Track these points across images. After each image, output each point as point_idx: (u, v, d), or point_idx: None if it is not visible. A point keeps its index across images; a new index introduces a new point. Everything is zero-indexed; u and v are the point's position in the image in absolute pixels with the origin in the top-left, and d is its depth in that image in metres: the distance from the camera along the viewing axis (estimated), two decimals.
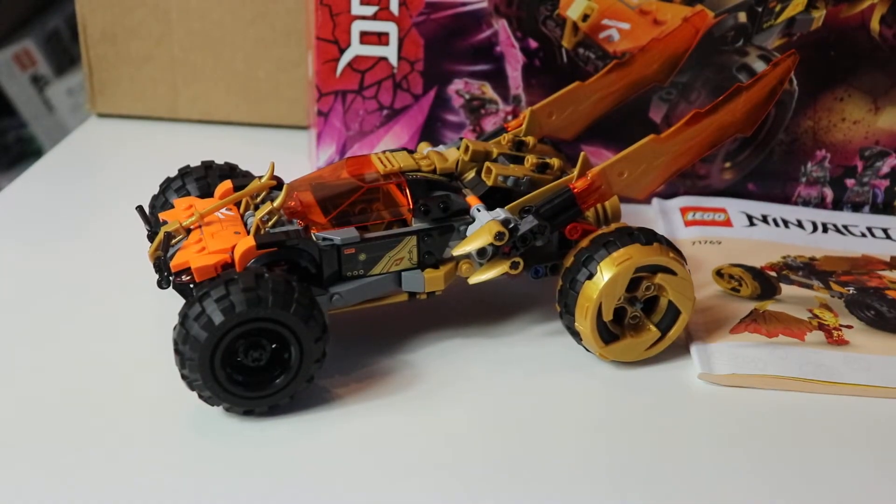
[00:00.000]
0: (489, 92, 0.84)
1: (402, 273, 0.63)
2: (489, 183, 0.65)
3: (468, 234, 0.63)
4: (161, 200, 0.68)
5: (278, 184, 0.64)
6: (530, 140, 0.70)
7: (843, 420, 0.61)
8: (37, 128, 1.60)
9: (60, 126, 1.56)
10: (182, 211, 0.63)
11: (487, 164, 0.66)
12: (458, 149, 0.68)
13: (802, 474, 0.56)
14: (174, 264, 0.59)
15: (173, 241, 0.61)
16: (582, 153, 0.65)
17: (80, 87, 1.51)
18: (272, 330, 0.56)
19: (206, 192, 0.67)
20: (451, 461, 0.56)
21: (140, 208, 0.66)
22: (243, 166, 0.70)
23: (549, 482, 0.55)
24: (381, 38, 0.83)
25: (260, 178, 0.64)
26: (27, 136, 1.63)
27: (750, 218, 0.83)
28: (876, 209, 0.86)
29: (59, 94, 1.58)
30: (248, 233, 0.60)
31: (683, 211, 0.84)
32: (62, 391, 0.61)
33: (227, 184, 0.65)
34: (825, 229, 0.82)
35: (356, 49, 0.83)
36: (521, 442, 0.58)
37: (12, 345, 0.65)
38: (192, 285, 0.59)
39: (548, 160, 0.67)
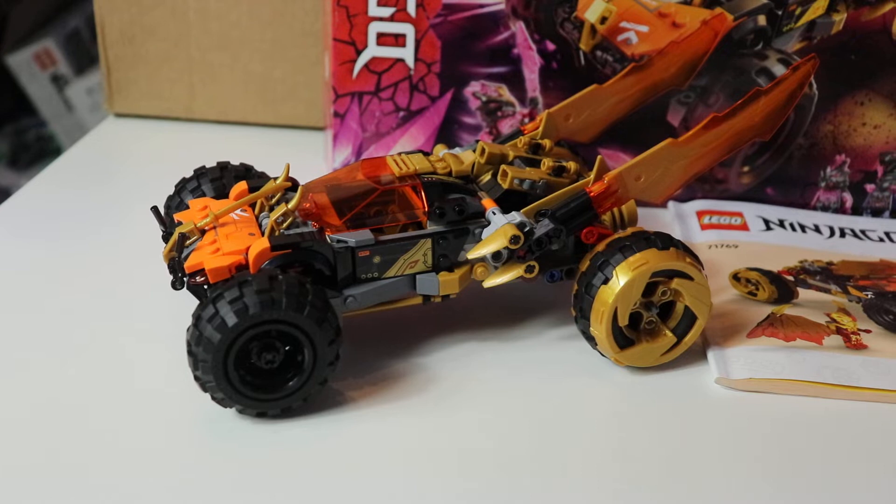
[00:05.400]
0: (506, 94, 0.84)
1: (417, 276, 0.63)
2: (505, 186, 0.65)
3: (483, 237, 0.63)
4: (176, 201, 0.69)
5: (293, 185, 0.64)
6: (547, 143, 0.70)
7: (861, 425, 0.60)
8: (56, 127, 1.61)
9: (80, 125, 1.57)
10: (197, 212, 0.63)
11: (503, 166, 0.65)
12: (474, 151, 0.68)
13: (820, 480, 0.56)
14: (188, 265, 0.59)
15: (188, 241, 0.61)
16: (599, 156, 0.65)
17: (100, 87, 1.52)
18: (286, 332, 0.56)
19: (222, 193, 0.67)
20: (464, 465, 0.56)
21: (155, 209, 0.66)
22: (259, 167, 0.70)
23: (563, 487, 0.55)
24: (398, 40, 0.83)
25: (275, 179, 0.64)
26: (47, 135, 1.64)
27: (766, 222, 0.82)
28: None
29: (78, 94, 1.59)
30: (263, 234, 0.60)
31: (700, 215, 0.83)
32: (73, 391, 0.61)
33: (242, 185, 0.65)
34: (842, 234, 0.81)
35: (373, 50, 0.83)
36: (535, 446, 0.58)
37: (28, 343, 0.65)
38: (206, 286, 0.59)
39: (564, 163, 0.67)
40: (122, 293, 0.71)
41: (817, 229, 0.82)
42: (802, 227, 0.82)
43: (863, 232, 0.82)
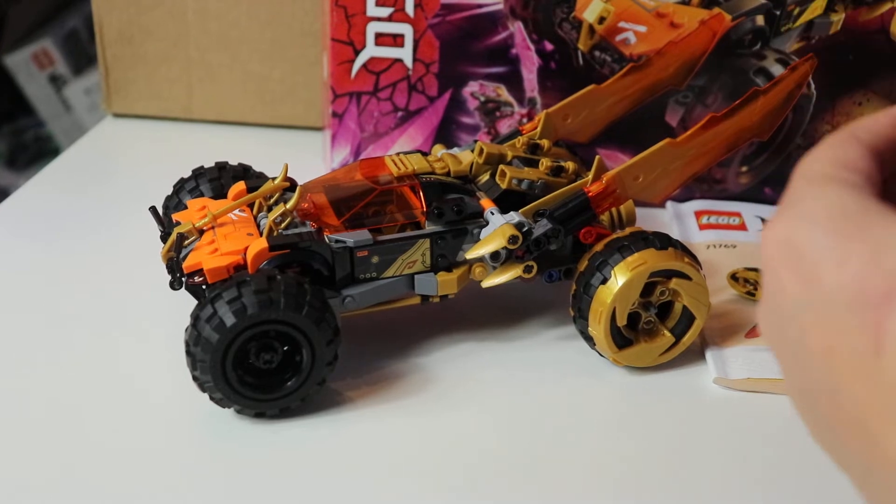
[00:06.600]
0: (504, 94, 0.84)
1: (415, 276, 0.63)
2: (503, 186, 0.65)
3: (482, 237, 0.63)
4: (174, 201, 0.69)
5: (292, 185, 0.64)
6: (545, 143, 0.70)
7: None
8: (55, 127, 1.61)
9: (78, 125, 1.57)
10: (195, 212, 0.63)
11: (502, 166, 0.65)
12: (473, 151, 0.68)
13: (817, 480, 0.56)
14: (187, 265, 0.59)
15: (186, 242, 0.61)
16: (597, 157, 0.65)
17: (98, 87, 1.52)
18: (284, 332, 0.56)
19: (220, 194, 0.67)
20: (462, 465, 0.56)
21: (153, 209, 0.66)
22: (257, 167, 0.70)
23: (561, 487, 0.55)
24: (397, 40, 0.83)
25: (273, 179, 0.64)
26: (45, 135, 1.64)
27: (765, 222, 0.82)
28: None
29: (76, 94, 1.59)
30: (261, 234, 0.60)
31: (698, 215, 0.83)
32: (72, 391, 0.61)
33: (240, 185, 0.65)
34: None
35: (371, 50, 0.83)
36: (533, 446, 0.58)
37: (26, 344, 0.65)
38: (204, 287, 0.59)
39: (562, 163, 0.67)
40: (121, 293, 0.71)
41: None
42: None
43: None
